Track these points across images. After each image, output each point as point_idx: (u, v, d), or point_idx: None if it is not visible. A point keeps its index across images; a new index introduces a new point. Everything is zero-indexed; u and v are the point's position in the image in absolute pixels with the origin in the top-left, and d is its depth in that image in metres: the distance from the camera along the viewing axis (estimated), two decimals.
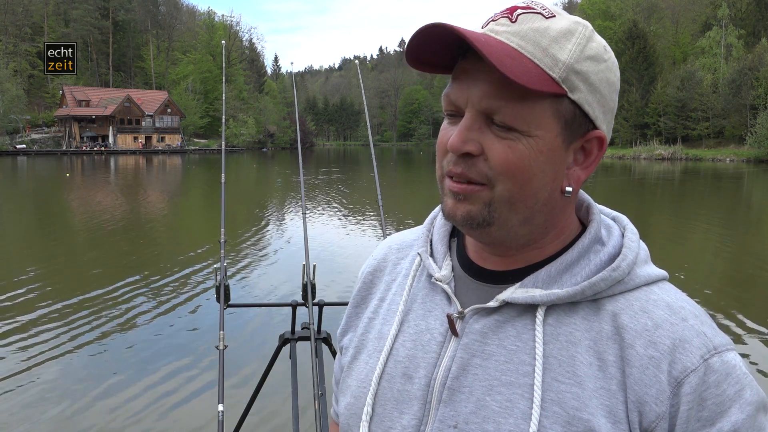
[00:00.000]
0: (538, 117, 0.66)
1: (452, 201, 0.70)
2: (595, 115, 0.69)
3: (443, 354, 0.74)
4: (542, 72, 0.65)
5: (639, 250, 0.74)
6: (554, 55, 0.66)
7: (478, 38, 0.64)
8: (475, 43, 0.62)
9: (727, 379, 0.66)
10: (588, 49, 0.68)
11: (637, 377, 0.66)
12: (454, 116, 0.71)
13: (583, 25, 0.69)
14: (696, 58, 64.97)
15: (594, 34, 0.70)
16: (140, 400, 4.82)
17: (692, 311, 0.70)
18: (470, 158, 0.68)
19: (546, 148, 0.67)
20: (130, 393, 4.94)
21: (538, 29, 0.67)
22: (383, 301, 0.86)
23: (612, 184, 28.89)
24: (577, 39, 0.67)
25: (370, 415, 0.76)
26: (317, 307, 2.67)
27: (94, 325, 6.64)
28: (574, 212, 0.77)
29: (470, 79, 0.67)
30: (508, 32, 0.67)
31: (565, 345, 0.69)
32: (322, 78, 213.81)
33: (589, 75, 0.68)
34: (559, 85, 0.66)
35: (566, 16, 0.69)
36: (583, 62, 0.67)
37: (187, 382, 5.18)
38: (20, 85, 69.70)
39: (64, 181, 30.49)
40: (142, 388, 5.06)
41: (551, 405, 0.67)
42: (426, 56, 0.70)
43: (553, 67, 0.66)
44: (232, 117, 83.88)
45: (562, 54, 0.66)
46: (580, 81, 0.67)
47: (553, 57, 0.66)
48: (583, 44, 0.68)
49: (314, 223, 14.67)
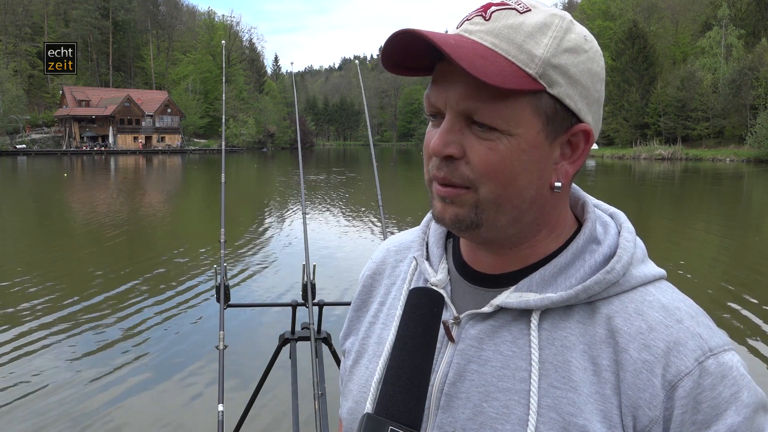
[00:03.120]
0: (518, 115, 0.65)
1: (440, 204, 0.70)
2: (578, 108, 0.68)
3: (440, 360, 0.73)
4: (517, 69, 0.64)
5: (635, 249, 0.72)
6: (529, 50, 0.65)
7: (447, 41, 0.63)
8: (443, 46, 0.61)
9: (722, 382, 0.65)
10: (566, 41, 0.66)
11: (630, 381, 0.65)
12: (436, 117, 0.70)
13: (560, 17, 0.67)
14: (696, 58, 64.94)
15: (573, 24, 0.68)
16: (140, 400, 4.82)
17: (688, 312, 0.69)
18: (452, 161, 0.67)
19: (528, 146, 0.66)
20: (130, 393, 4.94)
21: (512, 25, 0.65)
22: (383, 305, 0.86)
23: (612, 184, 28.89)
24: (553, 32, 0.66)
25: None
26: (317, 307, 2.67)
27: (94, 325, 6.64)
28: (568, 208, 0.76)
29: (447, 82, 0.67)
30: (481, 31, 0.66)
31: (561, 350, 0.68)
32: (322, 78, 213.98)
33: (568, 68, 0.66)
34: (537, 81, 0.64)
35: (543, 9, 0.67)
36: (561, 55, 0.66)
37: (187, 382, 5.18)
38: (20, 85, 69.77)
39: (62, 182, 30.47)
40: (142, 387, 5.06)
41: (548, 411, 0.66)
42: (406, 61, 0.70)
43: (529, 63, 0.64)
44: (232, 117, 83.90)
45: (537, 49, 0.65)
46: (558, 75, 0.65)
47: (528, 53, 0.65)
48: (560, 37, 0.66)
49: (314, 223, 14.67)
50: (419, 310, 0.68)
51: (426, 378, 0.66)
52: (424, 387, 0.66)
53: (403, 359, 0.66)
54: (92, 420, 4.48)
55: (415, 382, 0.65)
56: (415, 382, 0.65)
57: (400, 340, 0.68)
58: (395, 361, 0.67)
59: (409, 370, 0.66)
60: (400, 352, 0.67)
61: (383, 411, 0.64)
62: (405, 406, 0.64)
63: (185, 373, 5.36)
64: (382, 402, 0.65)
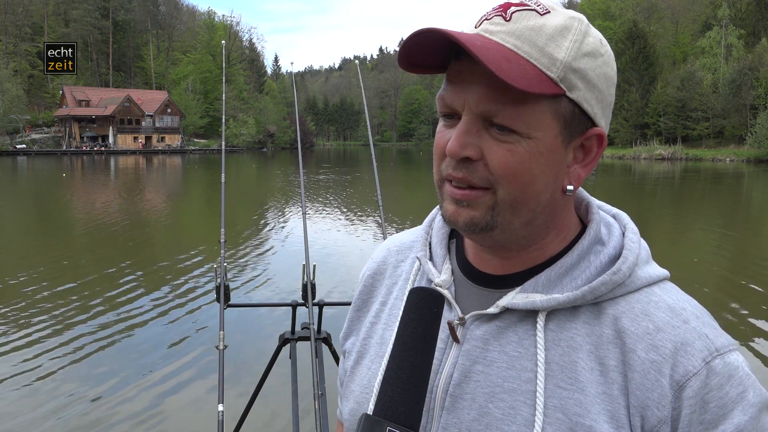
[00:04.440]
0: (538, 118, 0.65)
1: (453, 207, 0.69)
2: (594, 112, 0.68)
3: (445, 361, 0.73)
4: (540, 73, 0.64)
5: (640, 250, 0.72)
6: (551, 54, 0.65)
7: (474, 42, 0.62)
8: (471, 48, 0.61)
9: (729, 381, 0.65)
10: (585, 45, 0.67)
11: (638, 381, 0.65)
12: (450, 118, 0.69)
13: (578, 20, 0.68)
14: (696, 58, 64.98)
15: (590, 28, 0.69)
16: (140, 400, 4.82)
17: (694, 312, 0.69)
18: (470, 163, 0.67)
19: (546, 150, 0.66)
20: (129, 393, 4.94)
21: (534, 27, 0.65)
22: (385, 305, 0.85)
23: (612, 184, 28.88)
24: (573, 35, 0.66)
25: None
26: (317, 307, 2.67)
27: (94, 325, 6.64)
28: (574, 210, 0.76)
29: (466, 82, 0.66)
30: (503, 32, 0.65)
31: (567, 350, 0.68)
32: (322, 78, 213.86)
33: (587, 72, 0.66)
34: (557, 84, 0.65)
35: (561, 11, 0.68)
36: (581, 59, 0.66)
37: (187, 382, 5.18)
38: (20, 85, 69.77)
39: (61, 182, 30.46)
40: (142, 387, 5.06)
41: (554, 411, 0.66)
42: (418, 59, 0.69)
43: (551, 67, 0.64)
44: (232, 117, 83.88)
45: (559, 53, 0.65)
46: (578, 79, 0.66)
47: (550, 56, 0.64)
48: (580, 40, 0.66)
49: (314, 223, 14.66)
50: (419, 310, 0.68)
51: (425, 378, 0.66)
52: (423, 387, 0.65)
53: (402, 359, 0.66)
54: (92, 420, 4.48)
55: (413, 383, 0.65)
56: (413, 382, 0.65)
57: (399, 340, 0.67)
58: (394, 361, 0.66)
59: (408, 370, 0.65)
60: (399, 352, 0.67)
61: (381, 412, 0.64)
62: (403, 407, 0.64)
63: (185, 373, 5.36)
64: (381, 403, 0.65)
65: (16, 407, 4.68)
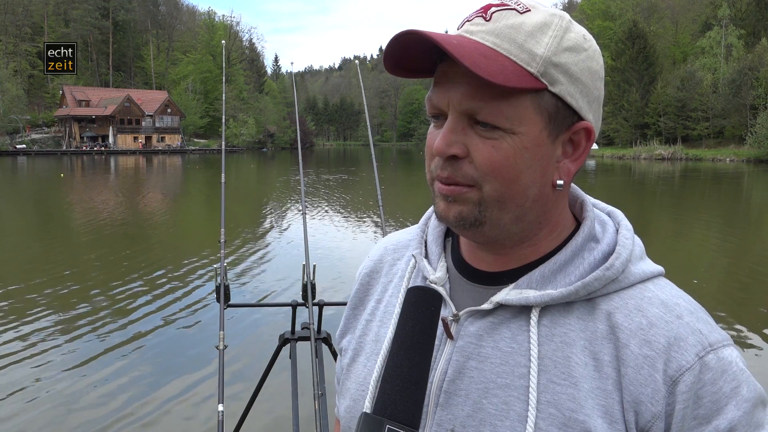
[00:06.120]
0: (521, 114, 0.66)
1: (443, 203, 0.70)
2: (579, 105, 0.69)
3: (439, 357, 0.73)
4: (519, 68, 0.65)
5: (633, 246, 0.73)
6: (531, 49, 0.65)
7: (450, 41, 0.63)
8: (446, 46, 0.62)
9: (723, 376, 0.66)
10: (566, 40, 0.67)
11: (632, 377, 0.66)
12: (438, 118, 0.71)
13: (559, 17, 0.68)
14: (696, 58, 64.93)
15: (572, 24, 0.69)
16: (140, 400, 4.82)
17: (687, 308, 0.70)
18: (456, 160, 0.68)
19: (531, 144, 0.67)
20: (129, 393, 4.94)
21: (513, 25, 0.66)
22: (380, 303, 0.86)
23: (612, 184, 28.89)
24: (553, 31, 0.67)
25: None
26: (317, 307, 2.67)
27: (94, 326, 6.64)
28: (568, 207, 0.77)
29: (450, 82, 0.67)
30: (482, 31, 0.67)
31: (560, 346, 0.69)
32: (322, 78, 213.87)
33: (568, 66, 0.67)
34: (538, 79, 0.65)
35: (542, 9, 0.68)
36: (562, 54, 0.67)
37: (187, 382, 5.18)
38: (20, 85, 69.73)
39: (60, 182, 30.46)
40: (142, 387, 5.06)
41: (547, 407, 0.67)
42: (406, 62, 0.70)
43: (531, 62, 0.65)
44: (232, 117, 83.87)
45: (538, 48, 0.65)
46: (559, 73, 0.66)
47: (529, 52, 0.65)
48: (561, 36, 0.67)
49: (314, 222, 14.67)
50: (417, 309, 0.68)
51: (424, 376, 0.66)
52: (423, 385, 0.66)
53: (401, 358, 0.66)
54: (92, 419, 4.48)
55: (413, 381, 0.65)
56: (413, 380, 0.65)
57: (398, 338, 0.68)
58: (393, 359, 0.66)
59: (407, 368, 0.65)
60: (398, 350, 0.67)
61: (381, 410, 0.64)
62: (403, 405, 0.64)
63: (185, 373, 5.36)
64: (380, 401, 0.65)
65: (17, 407, 4.68)
